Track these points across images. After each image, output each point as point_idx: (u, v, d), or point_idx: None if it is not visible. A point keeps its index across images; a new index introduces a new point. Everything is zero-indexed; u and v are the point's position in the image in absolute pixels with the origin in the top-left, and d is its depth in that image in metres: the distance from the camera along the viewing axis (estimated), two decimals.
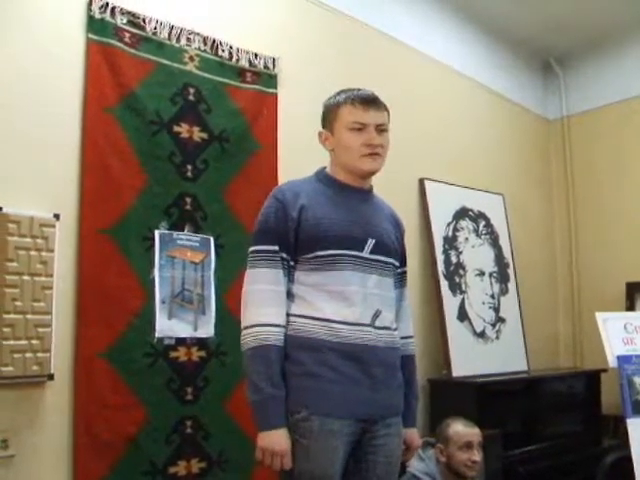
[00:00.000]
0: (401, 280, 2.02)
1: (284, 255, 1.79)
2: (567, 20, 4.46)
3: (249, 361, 1.73)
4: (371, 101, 1.86)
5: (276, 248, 1.79)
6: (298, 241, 1.80)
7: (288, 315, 1.79)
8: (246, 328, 1.75)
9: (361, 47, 3.64)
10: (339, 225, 1.81)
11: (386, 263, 1.88)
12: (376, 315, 1.81)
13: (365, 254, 1.82)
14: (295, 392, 1.73)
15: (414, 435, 1.97)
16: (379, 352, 1.79)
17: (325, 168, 1.96)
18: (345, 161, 1.87)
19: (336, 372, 1.73)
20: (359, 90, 1.89)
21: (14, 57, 2.32)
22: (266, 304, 1.75)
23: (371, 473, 1.78)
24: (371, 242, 1.84)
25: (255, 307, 1.76)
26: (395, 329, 1.90)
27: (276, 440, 1.68)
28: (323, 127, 1.93)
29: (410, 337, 2.02)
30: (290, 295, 1.81)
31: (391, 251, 1.91)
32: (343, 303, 1.77)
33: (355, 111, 1.84)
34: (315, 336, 1.75)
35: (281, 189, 1.89)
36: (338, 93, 1.92)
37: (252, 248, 1.82)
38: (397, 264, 1.95)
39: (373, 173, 1.90)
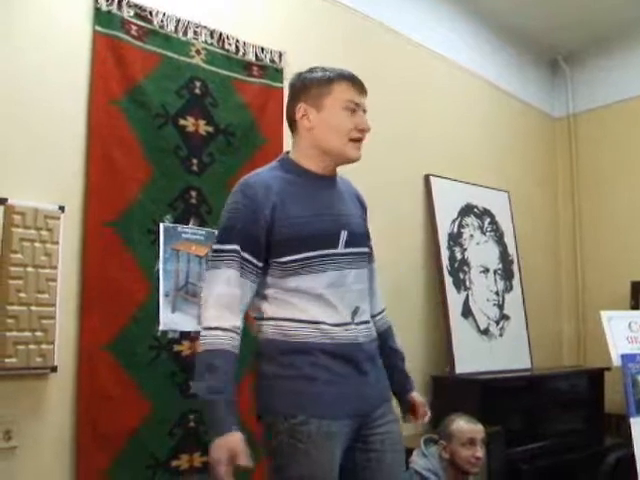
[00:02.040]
0: (370, 256, 1.92)
1: (246, 256, 1.67)
2: (575, 18, 4.44)
3: (196, 362, 1.65)
4: (363, 84, 1.77)
5: (237, 248, 1.66)
6: (272, 243, 1.69)
7: (274, 319, 1.73)
8: (202, 330, 1.67)
9: (368, 42, 3.63)
10: (312, 223, 1.71)
11: (360, 254, 1.80)
12: (355, 312, 1.75)
13: (340, 249, 1.73)
14: (290, 396, 1.68)
15: (417, 398, 1.94)
16: (364, 347, 1.75)
17: (288, 153, 1.82)
18: (328, 144, 1.74)
19: (330, 372, 1.68)
20: (341, 69, 1.77)
21: (20, 50, 2.32)
22: (221, 308, 1.64)
23: (382, 464, 1.74)
24: (344, 235, 1.73)
25: (207, 310, 1.66)
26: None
27: (232, 441, 1.55)
28: (300, 101, 1.77)
29: (383, 311, 1.98)
30: (272, 298, 1.73)
31: (362, 239, 1.83)
32: (326, 304, 1.70)
33: (350, 90, 1.73)
34: (305, 339, 1.69)
35: (249, 183, 1.72)
36: (315, 70, 1.78)
37: (214, 247, 1.72)
38: (368, 250, 1.86)
39: (354, 161, 1.78)
